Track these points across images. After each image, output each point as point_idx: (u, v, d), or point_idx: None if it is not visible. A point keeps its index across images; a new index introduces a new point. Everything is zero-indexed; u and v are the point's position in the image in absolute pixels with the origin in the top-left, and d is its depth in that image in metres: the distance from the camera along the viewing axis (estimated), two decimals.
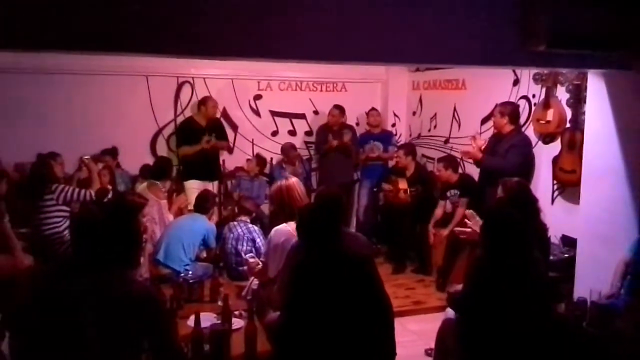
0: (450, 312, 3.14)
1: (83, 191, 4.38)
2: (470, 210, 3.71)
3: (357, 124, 6.80)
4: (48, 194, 4.25)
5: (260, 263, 3.37)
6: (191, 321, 2.74)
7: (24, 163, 5.51)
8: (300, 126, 6.87)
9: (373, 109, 6.54)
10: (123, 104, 6.07)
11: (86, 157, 4.83)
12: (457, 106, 6.05)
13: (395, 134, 6.79)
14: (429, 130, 6.53)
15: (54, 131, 5.59)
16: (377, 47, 2.89)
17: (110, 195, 4.66)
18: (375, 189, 6.22)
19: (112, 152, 5.80)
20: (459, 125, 6.01)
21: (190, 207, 4.97)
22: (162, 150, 6.29)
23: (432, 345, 3.32)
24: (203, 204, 4.22)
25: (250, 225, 4.34)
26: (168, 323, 2.13)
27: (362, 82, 6.90)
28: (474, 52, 2.98)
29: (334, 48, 2.95)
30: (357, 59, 3.09)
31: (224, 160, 6.28)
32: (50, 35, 2.49)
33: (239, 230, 4.26)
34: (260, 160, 6.35)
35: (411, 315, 4.40)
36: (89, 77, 5.83)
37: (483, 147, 4.88)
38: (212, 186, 5.70)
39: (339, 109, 6.35)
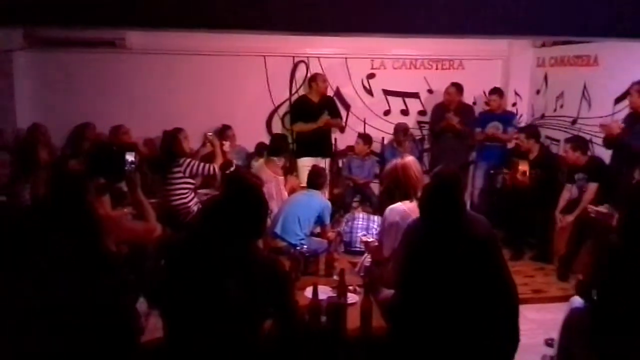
0: (576, 302, 2.93)
1: (207, 165, 4.62)
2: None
3: (475, 104, 6.53)
4: (176, 167, 4.53)
5: (376, 241, 3.35)
6: (308, 292, 2.80)
7: (152, 138, 5.95)
8: (414, 105, 6.74)
9: (494, 92, 6.15)
10: (242, 83, 6.31)
11: (210, 133, 5.08)
12: (588, 84, 5.60)
13: (517, 114, 6.43)
14: (555, 110, 6.12)
15: (178, 109, 5.95)
16: (508, 18, 2.73)
17: (233, 168, 4.88)
18: (492, 172, 5.96)
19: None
20: (589, 105, 5.57)
21: (303, 184, 5.08)
22: (277, 128, 6.48)
23: (553, 336, 3.14)
24: (316, 180, 4.27)
25: (372, 217, 4.35)
26: (291, 291, 2.19)
27: (481, 60, 6.59)
28: (610, 23, 2.72)
29: (461, 21, 2.84)
30: (485, 32, 2.95)
31: (335, 139, 6.33)
32: (189, 17, 2.63)
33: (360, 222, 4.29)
34: (365, 139, 6.27)
35: (530, 304, 4.18)
36: (211, 57, 6.14)
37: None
38: (324, 163, 5.76)
39: (457, 86, 6.12)
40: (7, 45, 5.71)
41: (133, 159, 3.01)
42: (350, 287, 3.01)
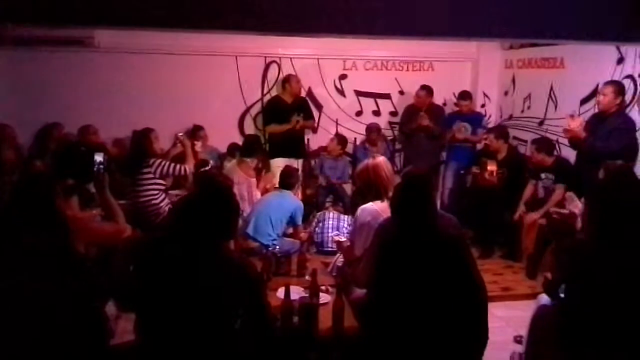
0: (544, 299, 3.00)
1: (178, 166, 4.57)
2: (571, 193, 3.50)
3: (444, 104, 6.62)
4: (146, 167, 4.47)
5: (348, 241, 3.37)
6: (280, 293, 2.80)
7: (122, 138, 5.86)
8: (385, 106, 6.79)
9: (464, 97, 6.22)
10: (213, 83, 6.26)
11: (180, 134, 5.02)
12: (554, 86, 5.72)
13: (485, 115, 6.54)
14: (522, 111, 6.24)
15: (148, 109, 5.88)
16: (474, 20, 2.78)
17: (208, 167, 4.85)
18: (462, 172, 6.05)
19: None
20: (556, 106, 5.69)
21: (276, 184, 5.08)
22: (249, 128, 6.45)
23: (522, 333, 3.20)
24: (287, 180, 4.27)
25: (343, 217, 4.38)
26: (262, 292, 2.19)
27: (451, 61, 6.69)
28: (578, 25, 2.80)
29: (431, 24, 2.87)
30: (452, 34, 2.99)
31: (308, 139, 6.34)
32: (158, 14, 2.60)
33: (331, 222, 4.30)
34: (341, 139, 6.33)
35: (499, 302, 4.25)
36: (182, 57, 6.08)
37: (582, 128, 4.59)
38: (297, 164, 5.76)
39: (426, 89, 6.20)
40: None
41: (102, 159, 2.96)
42: (323, 287, 3.02)
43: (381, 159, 3.35)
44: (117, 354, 2.35)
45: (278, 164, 5.70)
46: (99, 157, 2.96)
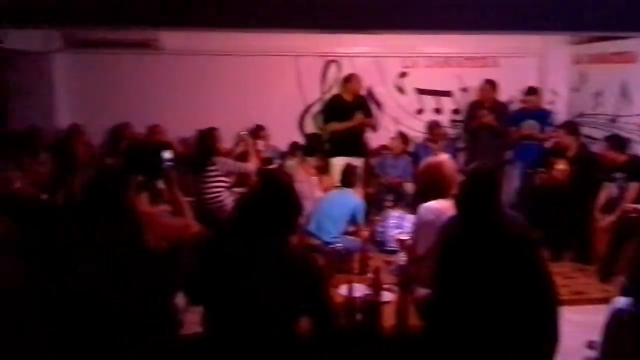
0: (619, 303, 2.85)
1: (242, 164, 4.66)
2: None
3: (510, 102, 6.42)
4: (211, 165, 4.58)
5: (410, 240, 3.33)
6: (342, 290, 2.79)
7: (187, 137, 6.04)
8: (447, 104, 6.67)
9: (531, 92, 6.02)
10: (273, 83, 6.34)
11: (243, 132, 5.12)
12: (627, 81, 5.44)
13: (553, 112, 6.30)
14: (593, 109, 5.96)
15: (211, 108, 6.02)
16: (543, 14, 2.68)
17: (273, 165, 4.93)
18: (529, 171, 5.84)
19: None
20: (629, 103, 5.41)
21: (336, 183, 5.09)
22: (309, 127, 6.50)
23: (594, 338, 3.06)
24: (349, 178, 4.27)
25: (405, 216, 4.32)
26: (326, 287, 2.19)
27: (516, 57, 6.47)
28: None
29: (493, 17, 2.79)
30: (518, 28, 2.90)
31: (367, 138, 6.31)
32: (221, 15, 2.65)
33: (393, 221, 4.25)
34: (404, 138, 6.27)
35: (571, 306, 4.07)
36: (243, 58, 6.20)
37: None
38: (358, 163, 5.74)
39: (490, 84, 6.04)
40: (46, 47, 5.88)
41: (170, 156, 3.05)
42: (385, 286, 3.00)
43: (444, 157, 3.30)
44: (186, 344, 2.41)
45: (338, 162, 5.69)
46: (167, 154, 3.05)
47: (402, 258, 3.50)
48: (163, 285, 2.59)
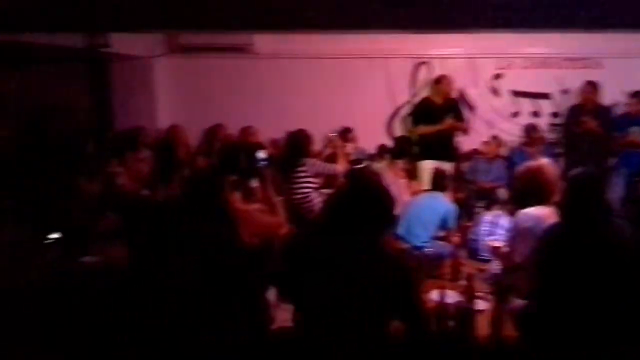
0: None
1: (331, 166, 4.69)
2: None
3: (614, 106, 6.01)
4: (301, 166, 4.64)
5: (506, 247, 3.19)
6: (433, 296, 2.72)
7: (277, 139, 6.17)
8: (545, 107, 6.36)
9: (635, 95, 5.61)
10: (363, 85, 6.34)
11: (332, 134, 5.15)
12: None
13: None
14: None
15: (300, 111, 6.12)
16: None
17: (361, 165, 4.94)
18: (635, 179, 5.44)
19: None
20: None
21: (425, 188, 4.99)
22: (397, 130, 6.43)
23: None
24: (440, 182, 4.16)
25: (498, 221, 4.14)
26: (417, 291, 2.14)
27: (623, 58, 6.05)
28: None
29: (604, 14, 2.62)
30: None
31: (458, 142, 6.14)
32: (316, 17, 2.67)
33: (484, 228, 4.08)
34: (497, 141, 6.05)
35: None
36: (334, 61, 6.27)
37: None
38: (448, 167, 5.60)
39: (592, 85, 5.69)
40: (150, 52, 6.23)
41: (264, 156, 3.13)
42: (479, 294, 2.89)
43: (545, 162, 3.15)
44: (278, 338, 2.44)
45: (427, 166, 5.57)
46: (261, 154, 3.14)
47: (496, 266, 3.37)
48: (255, 280, 2.65)
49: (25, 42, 4.20)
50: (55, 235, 3.23)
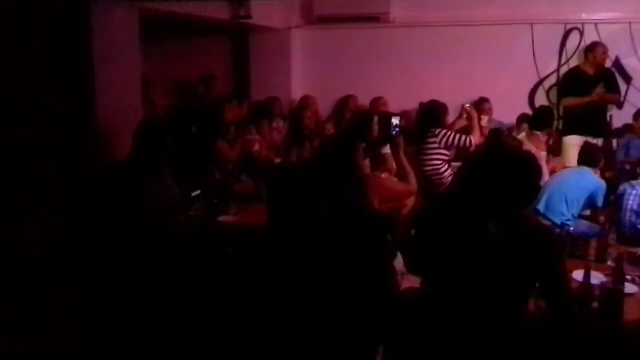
0: None
1: (464, 137, 4.50)
2: None
3: None
4: (431, 137, 4.51)
5: None
6: (577, 275, 2.51)
7: (408, 110, 6.04)
8: None
9: None
10: (504, 54, 5.97)
11: (467, 105, 4.93)
12: None
13: None
14: None
15: (434, 81, 5.91)
16: None
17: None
18: None
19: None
20: None
21: (569, 165, 4.63)
22: (540, 102, 5.99)
23: None
24: (591, 156, 3.80)
25: None
26: (562, 266, 1.97)
27: None
28: None
29: None
30: None
31: (611, 116, 5.58)
32: None
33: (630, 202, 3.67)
34: None
35: None
36: (472, 28, 5.95)
37: None
38: (597, 143, 5.13)
39: None
40: (286, 23, 6.39)
41: (398, 122, 3.07)
42: (628, 277, 2.62)
43: None
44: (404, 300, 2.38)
45: (573, 141, 5.14)
46: (395, 120, 3.09)
47: None
48: (383, 246, 2.63)
49: (174, 13, 4.49)
50: (196, 193, 3.47)
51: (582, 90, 5.28)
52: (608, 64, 5.57)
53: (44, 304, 2.86)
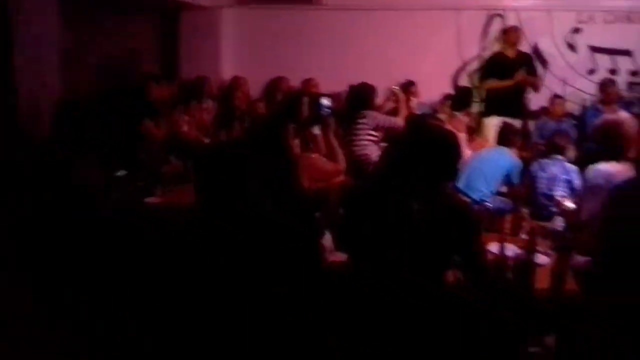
0: None
1: (392, 119, 4.61)
2: None
3: None
4: (361, 119, 4.59)
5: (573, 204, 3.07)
6: (492, 248, 2.66)
7: (339, 92, 6.10)
8: (624, 64, 5.95)
9: None
10: (429, 38, 6.15)
11: (395, 87, 5.05)
12: None
13: None
14: None
15: (363, 64, 5.98)
16: None
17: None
18: None
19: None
20: None
21: (489, 144, 4.84)
22: (463, 84, 6.22)
23: None
24: (507, 137, 4.01)
25: (567, 165, 3.95)
26: (479, 239, 2.09)
27: None
28: None
29: None
30: None
31: (527, 99, 5.88)
32: None
33: (554, 169, 3.92)
34: (562, 101, 5.71)
35: None
36: (401, 12, 6.08)
37: None
38: (515, 124, 5.38)
39: None
40: (218, 2, 6.26)
41: (329, 103, 3.11)
42: (540, 249, 2.81)
43: (624, 116, 3.00)
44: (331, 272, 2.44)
45: (493, 122, 5.39)
46: (325, 101, 3.12)
47: (559, 223, 3.25)
48: (311, 224, 2.67)
49: None
50: (121, 173, 3.37)
51: (503, 74, 5.52)
52: (527, 49, 5.85)
53: None
